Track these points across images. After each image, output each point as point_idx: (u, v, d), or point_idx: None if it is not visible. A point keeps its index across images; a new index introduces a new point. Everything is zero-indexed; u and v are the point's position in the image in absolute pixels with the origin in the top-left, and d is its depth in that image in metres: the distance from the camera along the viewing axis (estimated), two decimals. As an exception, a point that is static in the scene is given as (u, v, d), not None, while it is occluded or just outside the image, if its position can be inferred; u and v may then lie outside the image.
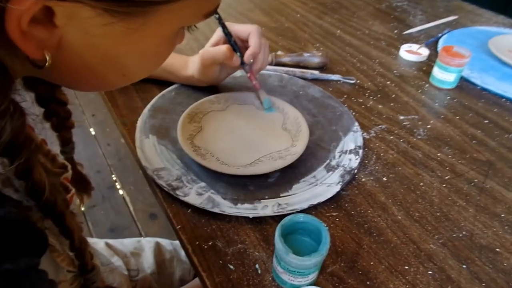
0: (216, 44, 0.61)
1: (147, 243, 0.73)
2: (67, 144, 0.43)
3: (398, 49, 0.87)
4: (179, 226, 0.47)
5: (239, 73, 0.74)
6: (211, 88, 0.69)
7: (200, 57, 0.61)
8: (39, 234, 0.30)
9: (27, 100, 0.28)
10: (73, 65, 0.29)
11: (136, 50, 0.30)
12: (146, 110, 0.64)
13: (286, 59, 0.80)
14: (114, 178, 1.61)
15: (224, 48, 0.58)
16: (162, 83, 0.70)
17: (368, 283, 0.43)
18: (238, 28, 0.60)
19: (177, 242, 0.75)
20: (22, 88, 0.29)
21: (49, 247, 0.32)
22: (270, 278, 0.43)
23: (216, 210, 0.48)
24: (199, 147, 0.57)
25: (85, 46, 0.28)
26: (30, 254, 0.28)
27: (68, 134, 0.42)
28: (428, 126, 0.66)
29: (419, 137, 0.64)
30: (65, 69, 0.29)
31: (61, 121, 0.41)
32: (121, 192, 1.56)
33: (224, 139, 0.59)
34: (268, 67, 0.78)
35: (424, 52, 0.85)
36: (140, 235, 1.40)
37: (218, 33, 0.61)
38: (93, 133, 1.83)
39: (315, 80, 0.76)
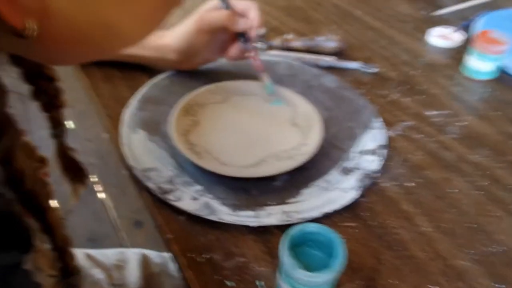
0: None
1: (133, 255, 0.74)
2: (57, 126, 0.44)
3: (426, 33, 0.87)
4: (170, 236, 0.48)
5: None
6: (210, 77, 0.69)
7: (198, 20, 0.62)
8: (25, 230, 0.30)
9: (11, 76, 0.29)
10: (62, 34, 0.29)
11: (131, 12, 0.31)
12: (134, 101, 0.64)
13: (296, 43, 0.80)
14: (94, 179, 1.62)
15: (226, 12, 0.61)
16: (153, 70, 0.70)
17: (389, 304, 0.44)
18: (235, 4, 0.62)
19: (167, 254, 0.75)
20: (7, 64, 0.29)
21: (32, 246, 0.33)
22: (275, 297, 0.44)
23: (213, 217, 0.49)
24: (195, 145, 0.57)
25: (75, 11, 0.28)
26: (14, 250, 0.28)
27: (58, 115, 0.43)
28: (462, 123, 0.66)
29: (451, 135, 0.64)
30: (52, 40, 0.29)
31: (50, 99, 0.42)
32: (101, 195, 1.57)
33: (224, 136, 0.59)
34: (276, 52, 0.78)
35: (457, 37, 0.85)
36: (124, 246, 1.41)
37: (212, 3, 0.63)
38: (71, 126, 1.84)
39: (330, 69, 0.76)
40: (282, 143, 0.59)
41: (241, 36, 0.63)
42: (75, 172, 0.46)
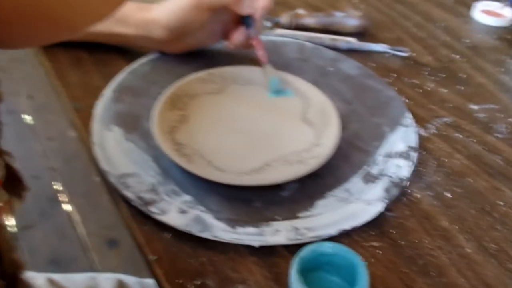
0: None
1: (106, 281, 0.74)
2: None
3: (470, 8, 0.87)
4: (153, 257, 0.48)
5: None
6: (202, 61, 0.69)
7: None
8: None
9: None
10: (8, 11, 0.29)
11: None
12: (108, 91, 0.64)
13: (309, 20, 0.80)
14: (58, 188, 1.62)
15: None
16: (132, 54, 0.70)
17: None
18: None
19: (149, 280, 0.75)
20: None
21: None
22: (282, 333, 0.44)
23: (206, 235, 0.49)
24: (183, 145, 0.57)
25: None
26: None
27: None
28: (513, 120, 0.67)
29: (499, 135, 0.64)
30: None
31: None
32: (67, 207, 1.57)
33: (219, 134, 0.60)
34: (284, 32, 0.79)
35: (508, 13, 0.85)
36: (94, 270, 1.41)
37: None
38: (29, 122, 1.85)
39: (351, 52, 0.76)
40: (291, 144, 0.59)
41: (246, 19, 0.63)
42: (10, 182, 0.45)
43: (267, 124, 0.62)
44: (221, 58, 0.70)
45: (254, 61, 0.67)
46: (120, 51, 0.71)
